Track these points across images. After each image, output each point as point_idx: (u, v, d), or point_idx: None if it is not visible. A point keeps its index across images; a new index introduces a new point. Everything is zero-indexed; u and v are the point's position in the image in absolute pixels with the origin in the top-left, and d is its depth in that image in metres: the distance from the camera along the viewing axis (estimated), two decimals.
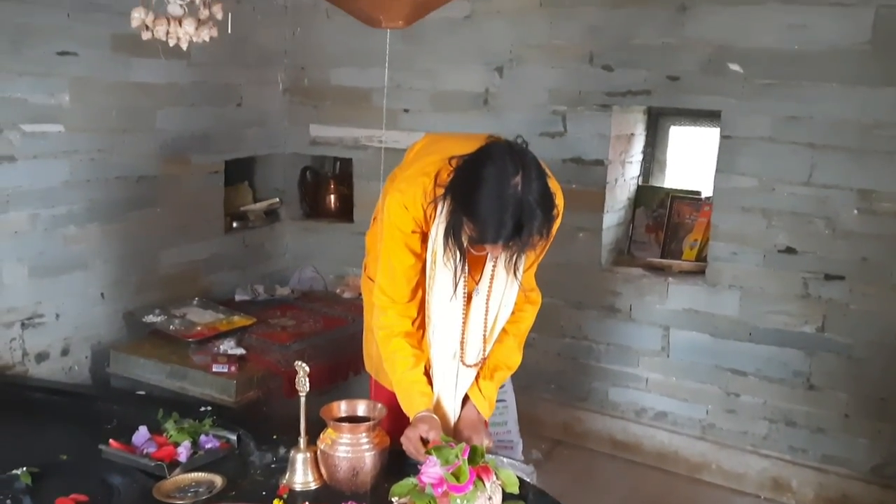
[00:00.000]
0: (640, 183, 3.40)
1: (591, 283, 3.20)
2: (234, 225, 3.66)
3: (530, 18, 3.15)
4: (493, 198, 1.63)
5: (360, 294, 2.52)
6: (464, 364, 1.93)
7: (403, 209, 1.85)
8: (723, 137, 2.89)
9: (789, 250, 2.82)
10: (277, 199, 3.92)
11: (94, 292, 2.96)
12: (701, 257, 3.14)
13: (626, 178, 3.29)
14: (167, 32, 1.69)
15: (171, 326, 2.98)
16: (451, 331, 1.90)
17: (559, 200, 1.80)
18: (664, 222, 3.30)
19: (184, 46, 1.74)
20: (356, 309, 3.15)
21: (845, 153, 2.67)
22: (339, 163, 4.00)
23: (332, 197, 4.00)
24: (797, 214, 2.78)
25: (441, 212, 1.80)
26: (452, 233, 1.77)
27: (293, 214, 3.96)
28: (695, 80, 2.87)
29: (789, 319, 2.87)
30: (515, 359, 2.02)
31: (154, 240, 3.18)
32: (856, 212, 2.68)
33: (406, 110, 3.53)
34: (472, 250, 1.81)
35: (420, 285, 1.94)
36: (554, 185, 1.77)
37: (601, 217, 3.17)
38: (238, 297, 3.47)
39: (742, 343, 2.95)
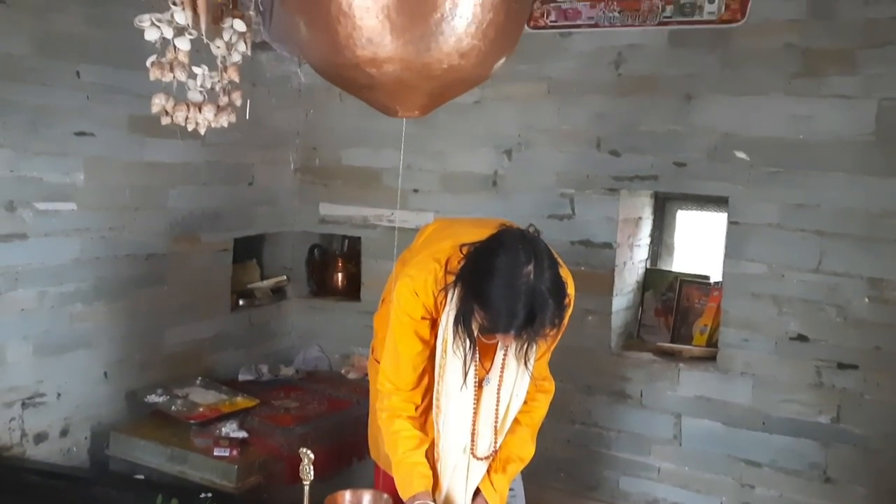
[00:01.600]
0: (648, 266, 3.39)
1: (601, 368, 3.16)
2: (241, 303, 3.65)
3: (538, 104, 3.21)
4: (504, 287, 1.63)
5: (366, 374, 2.49)
6: (475, 457, 1.88)
7: (413, 295, 1.84)
8: (730, 223, 2.90)
9: (801, 338, 2.79)
10: (285, 277, 3.92)
11: (98, 371, 2.93)
12: (711, 342, 3.10)
13: (634, 261, 3.29)
14: (186, 118, 1.71)
15: (172, 407, 2.93)
16: (462, 421, 1.86)
17: (570, 289, 1.80)
18: (673, 306, 3.28)
19: (202, 132, 1.76)
20: (361, 390, 3.12)
21: (854, 241, 2.67)
22: (347, 241, 4.03)
23: (340, 275, 4.00)
24: (808, 302, 2.76)
25: (451, 299, 1.79)
26: (463, 321, 1.76)
27: (300, 292, 3.95)
28: (701, 167, 2.90)
29: (803, 409, 2.81)
30: (528, 450, 1.97)
31: (160, 318, 3.16)
32: (867, 300, 2.66)
33: (416, 190, 3.56)
34: (482, 338, 1.79)
35: (427, 373, 1.91)
36: (565, 273, 1.77)
37: (610, 300, 3.15)
38: (242, 377, 3.42)
39: (756, 432, 2.89)
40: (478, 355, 1.84)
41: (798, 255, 2.76)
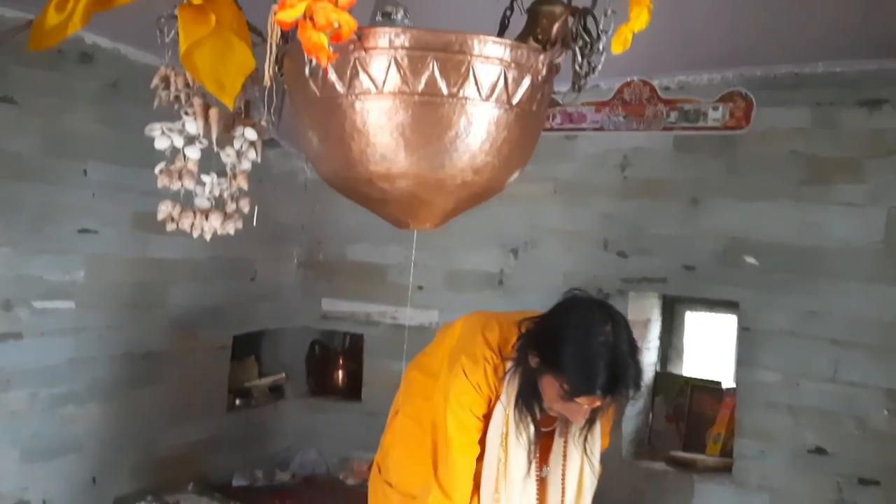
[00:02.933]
0: (658, 370, 3.31)
1: (612, 478, 2.97)
2: (237, 402, 3.55)
3: (545, 204, 3.21)
4: (584, 346, 1.55)
5: (366, 480, 2.35)
6: None
7: (475, 391, 1.73)
8: (742, 329, 2.84)
9: (819, 450, 2.68)
10: (283, 375, 3.83)
11: (86, 476, 2.81)
12: (726, 451, 2.99)
13: (644, 364, 3.21)
14: (192, 225, 1.68)
15: None
16: None
17: None
18: (685, 412, 3.18)
19: (207, 238, 1.73)
20: (361, 499, 2.97)
21: (869, 351, 2.60)
22: (349, 338, 3.96)
23: (341, 373, 3.91)
24: (825, 413, 2.67)
25: (508, 380, 1.71)
26: (525, 402, 1.68)
27: (299, 391, 3.85)
28: (710, 271, 2.87)
29: None
30: None
31: (154, 419, 3.06)
32: (886, 412, 2.57)
33: (420, 287, 3.52)
34: (542, 422, 1.70)
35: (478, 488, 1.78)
36: None
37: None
38: (236, 483, 3.29)
39: None
40: (537, 446, 1.74)
41: (813, 363, 2.69)
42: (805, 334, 2.70)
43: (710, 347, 3.33)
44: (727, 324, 3.18)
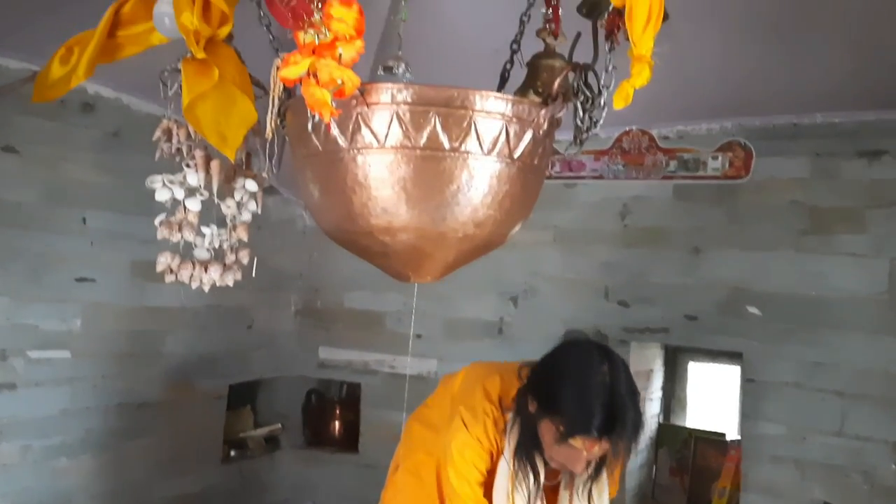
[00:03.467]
0: (661, 421, 3.26)
1: None
2: (232, 454, 3.48)
3: (544, 252, 3.20)
4: (580, 385, 1.53)
5: None
6: None
7: (477, 444, 1.70)
8: (746, 380, 2.81)
9: None
10: (279, 425, 3.76)
11: None
12: None
13: (647, 415, 3.17)
14: (191, 276, 1.67)
15: None
16: None
17: None
18: (689, 465, 3.12)
19: (206, 289, 1.71)
20: None
21: (876, 404, 2.56)
22: (346, 387, 3.91)
23: (337, 423, 3.85)
24: (832, 467, 2.62)
25: (509, 432, 1.67)
26: (525, 451, 1.64)
27: (294, 442, 3.79)
28: (713, 321, 2.84)
29: None
30: None
31: (147, 472, 2.99)
32: (894, 467, 2.52)
33: (419, 336, 3.49)
34: (547, 476, 1.66)
35: None
36: None
37: None
38: None
39: None
40: (542, 499, 1.69)
41: (819, 416, 2.64)
42: (810, 386, 2.66)
43: (713, 398, 3.29)
44: (731, 374, 3.15)
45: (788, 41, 2.26)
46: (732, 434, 3.09)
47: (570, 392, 1.55)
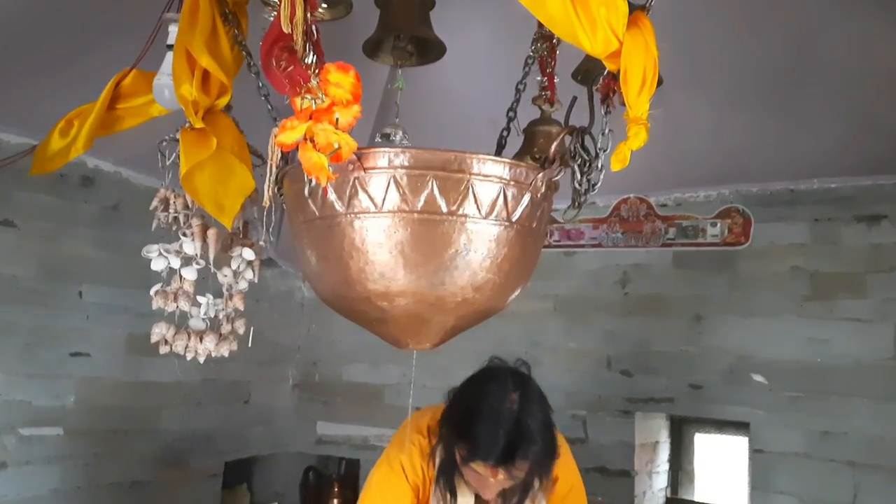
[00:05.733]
0: (668, 496, 3.16)
1: None
2: None
3: (545, 321, 3.17)
4: (488, 411, 1.51)
5: None
6: None
7: (400, 476, 1.69)
8: (754, 451, 2.74)
9: None
10: None
11: None
12: None
13: (654, 489, 3.07)
14: (186, 347, 1.64)
15: None
16: None
17: (565, 453, 1.72)
18: None
19: (201, 361, 1.68)
20: None
21: (889, 474, 2.49)
22: (345, 464, 3.80)
23: (336, 502, 3.73)
24: None
25: (437, 455, 1.66)
26: (445, 476, 1.63)
27: None
28: (718, 390, 2.79)
29: None
30: None
31: None
32: None
33: (418, 408, 3.41)
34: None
35: None
36: (559, 437, 1.66)
37: None
38: None
39: None
40: None
41: (830, 488, 2.56)
42: (820, 456, 2.59)
43: (721, 471, 3.20)
44: (738, 445, 3.07)
45: (782, 109, 2.30)
46: None
47: (475, 419, 1.54)
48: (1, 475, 2.46)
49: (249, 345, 1.72)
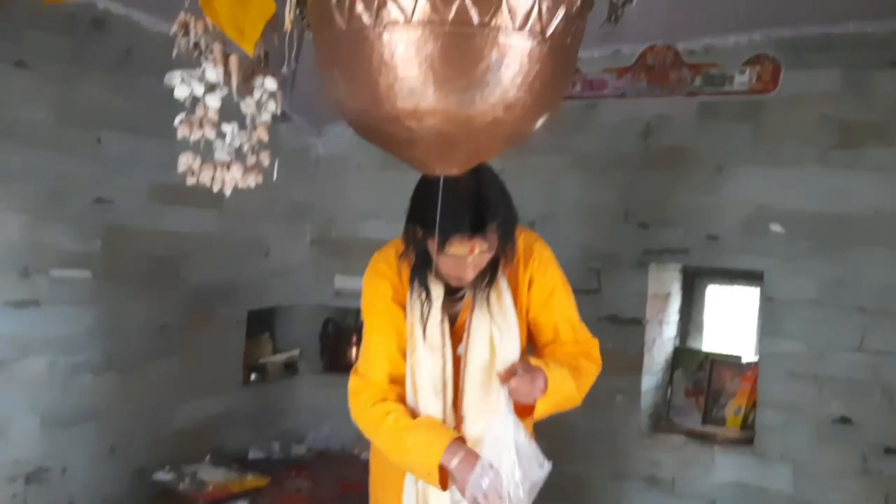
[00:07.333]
0: (677, 344, 3.26)
1: (630, 451, 2.99)
2: (253, 377, 3.53)
3: (562, 176, 3.16)
4: (448, 193, 1.53)
5: None
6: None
7: (380, 277, 1.84)
8: (765, 299, 2.80)
9: (844, 420, 2.64)
10: (297, 352, 3.80)
11: (104, 446, 2.79)
12: (746, 425, 2.95)
13: (663, 338, 3.17)
14: (213, 178, 1.65)
15: (181, 485, 2.79)
16: (436, 395, 1.75)
17: (543, 249, 1.89)
18: (705, 387, 3.13)
19: (227, 192, 1.69)
20: None
21: None
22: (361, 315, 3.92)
23: (354, 350, 3.87)
24: (851, 382, 2.62)
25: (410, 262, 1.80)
26: (418, 272, 1.76)
27: (312, 368, 3.83)
28: (735, 240, 2.81)
29: (848, 497, 2.63)
30: (567, 384, 1.75)
31: (171, 392, 3.04)
32: None
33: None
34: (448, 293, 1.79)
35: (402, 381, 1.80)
36: (539, 241, 1.90)
37: (640, 379, 3.01)
38: (252, 455, 3.27)
39: None
40: (448, 333, 1.78)
41: (839, 333, 2.63)
42: (831, 303, 2.65)
43: (731, 322, 3.28)
44: (749, 297, 3.14)
45: None
46: (749, 356, 3.10)
47: (440, 204, 1.57)
48: (36, 312, 2.55)
49: (275, 178, 1.73)
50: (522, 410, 1.72)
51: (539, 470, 1.68)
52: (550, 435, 2.06)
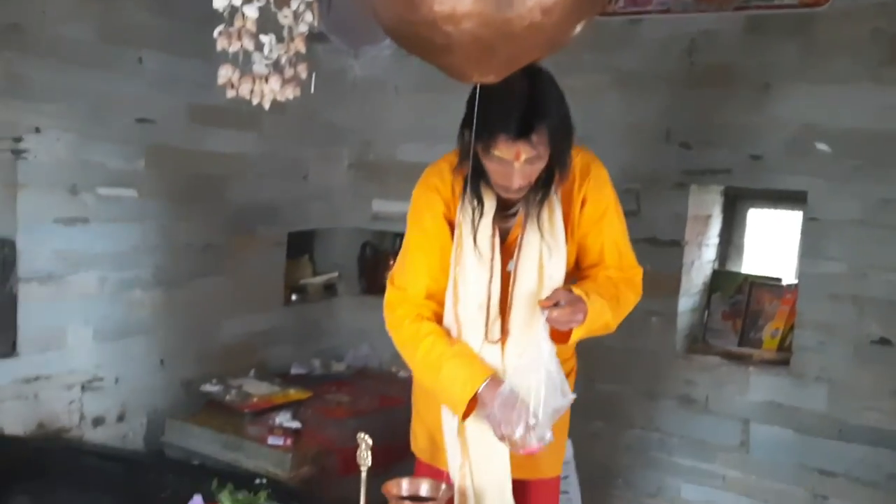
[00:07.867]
0: (716, 267, 3.25)
1: (664, 372, 3.03)
2: (293, 298, 3.62)
3: (603, 96, 3.09)
4: (499, 94, 1.54)
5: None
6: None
7: (431, 190, 1.81)
8: (808, 220, 2.75)
9: (884, 341, 2.62)
10: (336, 274, 3.87)
11: (154, 359, 2.92)
12: (783, 347, 2.95)
13: (702, 260, 3.15)
14: (251, 91, 1.66)
15: (227, 397, 2.91)
16: (480, 308, 1.76)
17: (600, 169, 1.87)
18: (742, 309, 3.12)
19: (266, 105, 1.71)
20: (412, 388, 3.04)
21: None
22: (399, 239, 3.96)
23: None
24: (892, 303, 2.59)
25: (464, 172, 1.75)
26: (473, 181, 1.71)
27: (351, 290, 3.90)
28: (779, 160, 2.75)
29: (883, 417, 2.64)
30: (604, 314, 1.74)
31: (215, 309, 3.14)
32: None
33: None
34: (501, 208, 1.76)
35: (441, 300, 1.81)
36: (597, 161, 1.87)
37: (676, 301, 3.01)
38: (294, 371, 3.39)
39: (830, 441, 2.72)
40: (498, 247, 1.76)
41: (882, 253, 2.59)
42: (876, 223, 2.59)
43: (772, 245, 3.24)
44: (791, 220, 3.09)
45: None
46: (789, 279, 3.07)
47: (489, 105, 1.58)
48: (86, 229, 2.64)
49: (312, 90, 1.74)
50: (558, 335, 1.73)
51: (562, 399, 1.71)
52: (587, 353, 2.10)
